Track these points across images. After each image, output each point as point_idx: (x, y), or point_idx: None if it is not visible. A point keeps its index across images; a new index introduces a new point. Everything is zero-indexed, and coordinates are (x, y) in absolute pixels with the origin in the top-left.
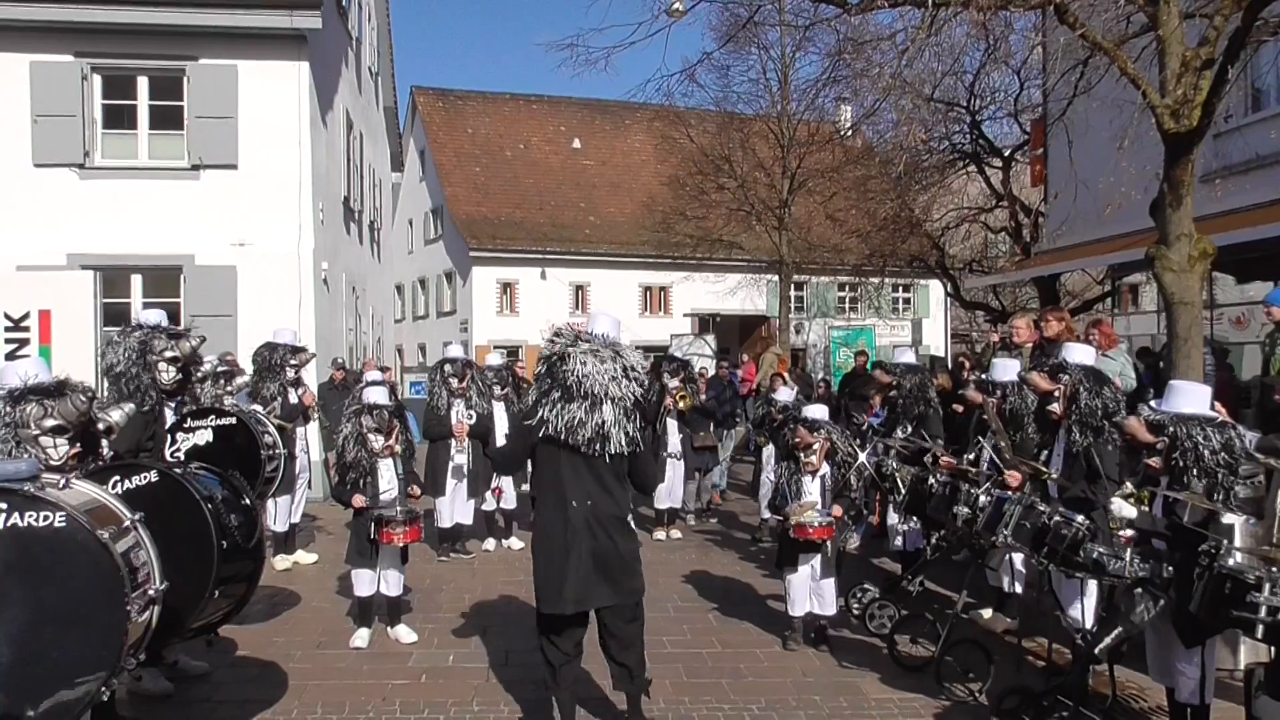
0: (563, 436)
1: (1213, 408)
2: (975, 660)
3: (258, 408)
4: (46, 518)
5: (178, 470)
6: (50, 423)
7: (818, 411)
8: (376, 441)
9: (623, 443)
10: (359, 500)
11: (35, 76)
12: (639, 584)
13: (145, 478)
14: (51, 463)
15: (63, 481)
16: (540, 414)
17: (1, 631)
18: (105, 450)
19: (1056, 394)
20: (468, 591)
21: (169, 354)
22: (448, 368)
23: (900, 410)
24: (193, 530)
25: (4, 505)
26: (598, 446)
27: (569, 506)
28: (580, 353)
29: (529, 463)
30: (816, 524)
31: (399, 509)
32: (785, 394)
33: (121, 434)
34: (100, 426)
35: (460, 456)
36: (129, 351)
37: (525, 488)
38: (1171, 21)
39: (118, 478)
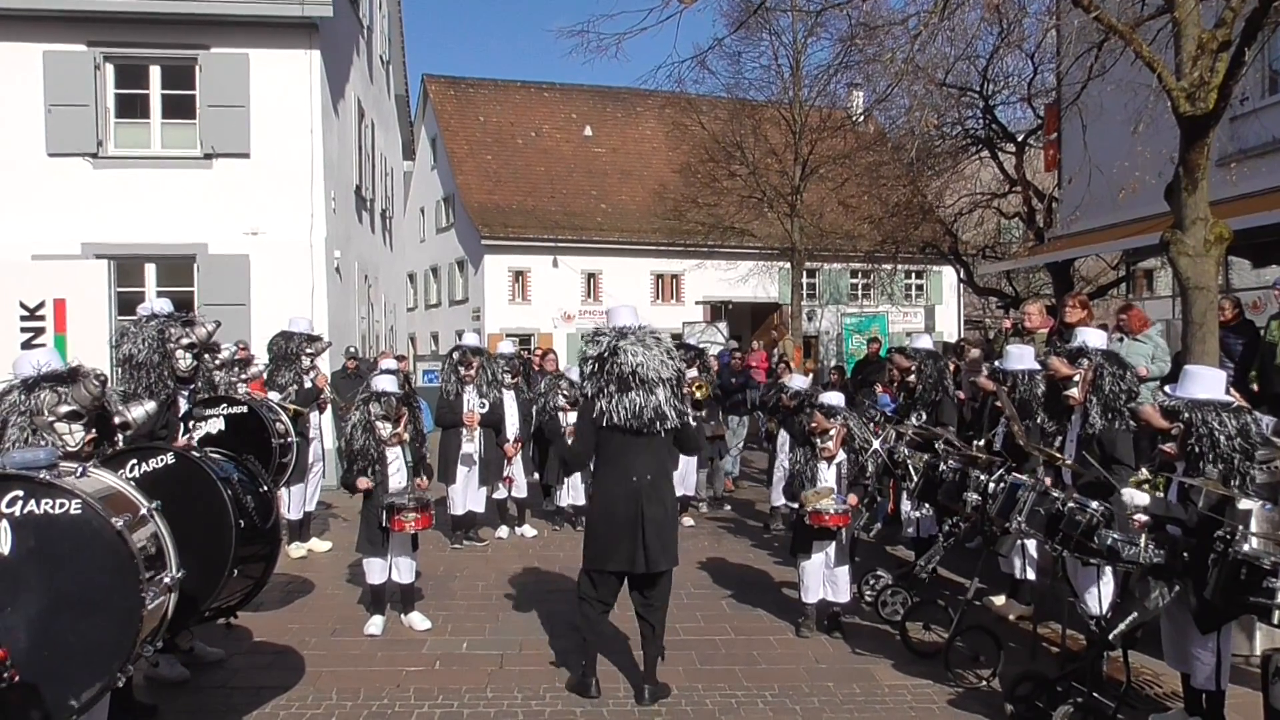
0: (628, 423)
1: (1228, 392)
2: (985, 646)
3: (273, 395)
4: (63, 505)
5: (195, 453)
6: (65, 409)
7: (835, 398)
8: (384, 429)
9: (674, 417)
10: (364, 483)
11: (48, 66)
12: (677, 550)
13: (162, 460)
14: (68, 449)
15: (79, 470)
16: (599, 406)
17: (19, 617)
18: (119, 442)
19: (1075, 378)
20: (481, 579)
21: (185, 341)
22: (457, 354)
23: (917, 397)
24: (210, 511)
25: (21, 493)
26: (657, 425)
27: (632, 481)
28: (629, 345)
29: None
30: (832, 511)
31: (409, 496)
32: (799, 381)
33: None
34: (117, 421)
35: (471, 445)
36: (149, 341)
37: (536, 477)
38: (1187, 3)
39: (135, 460)
